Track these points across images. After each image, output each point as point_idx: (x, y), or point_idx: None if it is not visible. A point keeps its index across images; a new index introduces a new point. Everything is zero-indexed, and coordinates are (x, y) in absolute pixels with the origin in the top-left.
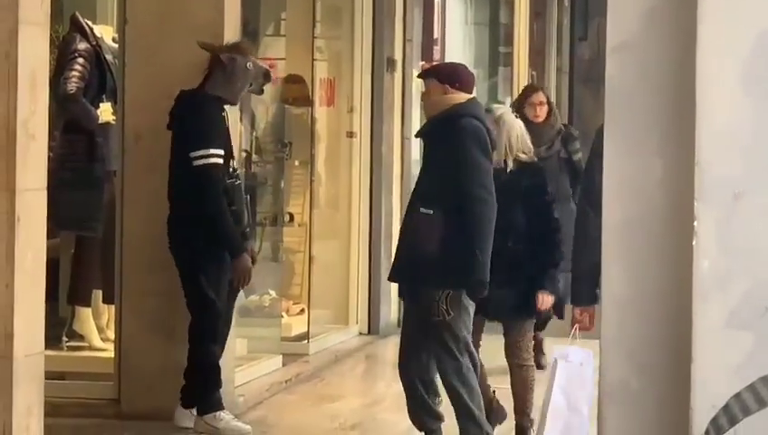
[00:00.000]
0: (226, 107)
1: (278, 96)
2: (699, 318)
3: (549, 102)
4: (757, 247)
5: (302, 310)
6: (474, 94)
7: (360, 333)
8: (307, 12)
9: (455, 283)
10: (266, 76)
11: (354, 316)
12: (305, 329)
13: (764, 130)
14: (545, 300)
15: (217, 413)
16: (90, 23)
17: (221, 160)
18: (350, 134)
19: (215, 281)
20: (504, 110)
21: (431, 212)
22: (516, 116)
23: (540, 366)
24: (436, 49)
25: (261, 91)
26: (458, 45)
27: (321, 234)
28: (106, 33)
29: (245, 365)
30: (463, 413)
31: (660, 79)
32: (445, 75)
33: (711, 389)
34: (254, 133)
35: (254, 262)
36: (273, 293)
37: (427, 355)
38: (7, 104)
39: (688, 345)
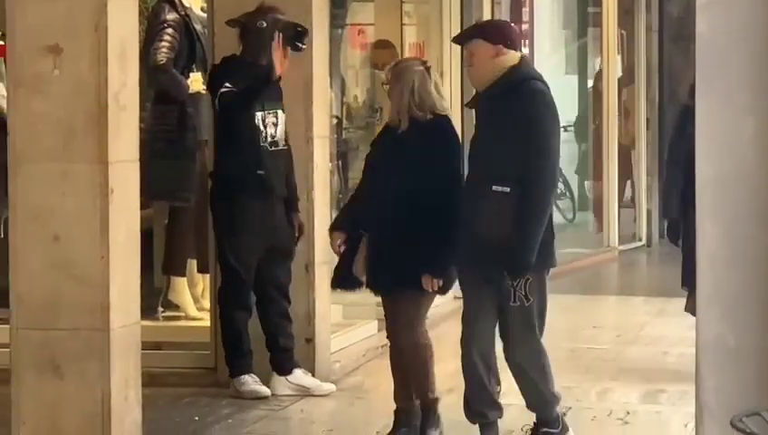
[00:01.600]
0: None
1: (368, 62)
2: None
3: None
4: None
5: None
6: (523, 53)
7: (455, 297)
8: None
9: (535, 266)
10: (294, 29)
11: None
12: None
13: None
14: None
15: (241, 377)
16: None
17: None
18: (469, 106)
19: (237, 249)
20: None
21: (508, 190)
22: None
23: None
24: (525, 11)
25: (296, 47)
26: (546, 6)
27: None
28: (195, 2)
29: (341, 332)
30: (535, 398)
31: (751, 35)
32: (494, 34)
33: None
34: (345, 99)
35: (300, 232)
36: None
37: (491, 340)
38: (98, 76)
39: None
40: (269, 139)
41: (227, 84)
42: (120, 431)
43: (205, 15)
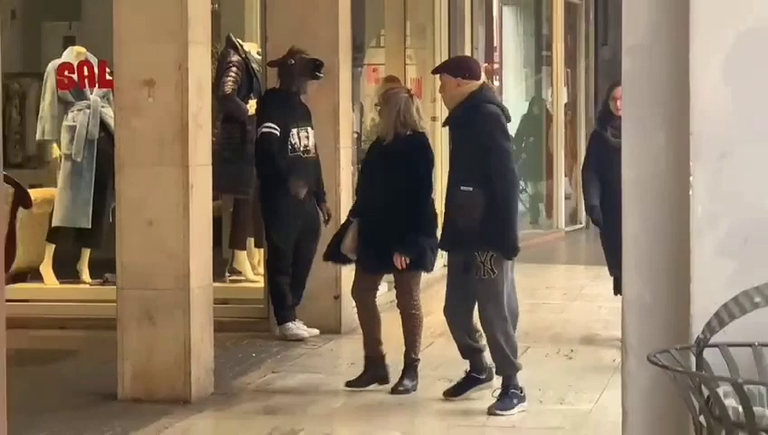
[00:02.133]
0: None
1: (389, 93)
2: (695, 249)
3: None
4: (738, 194)
5: None
6: (483, 80)
7: (444, 266)
8: (400, 29)
9: (495, 247)
10: (313, 65)
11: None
12: None
13: (739, 108)
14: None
15: (286, 324)
16: (240, 41)
17: (275, 131)
18: (433, 118)
19: (280, 231)
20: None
21: (471, 189)
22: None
23: None
24: (496, 54)
25: (315, 77)
26: (512, 50)
27: None
28: (252, 48)
29: None
30: (499, 355)
31: (663, 72)
32: (454, 69)
33: (705, 301)
34: (362, 119)
35: (328, 217)
36: None
37: (467, 307)
38: (181, 102)
39: (688, 269)
40: (302, 148)
41: (268, 124)
42: (197, 365)
43: (259, 57)
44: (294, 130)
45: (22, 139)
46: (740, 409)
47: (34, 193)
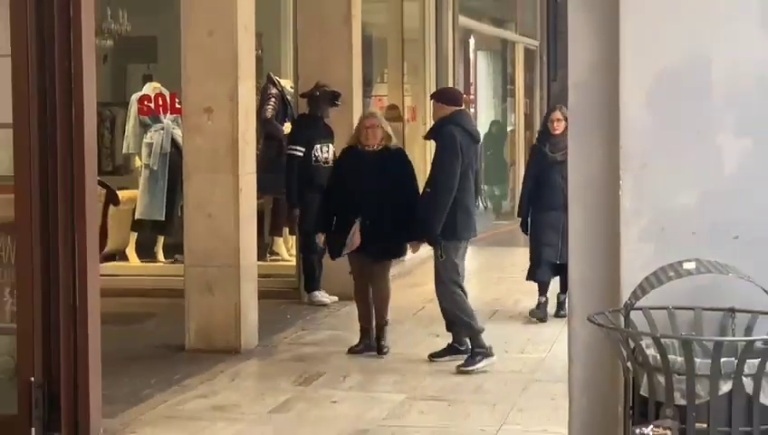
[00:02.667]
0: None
1: (384, 116)
2: (624, 236)
3: (566, 118)
4: (655, 194)
5: None
6: (462, 106)
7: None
8: (399, 68)
9: (449, 237)
10: (332, 95)
11: None
12: None
13: (656, 130)
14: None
15: (314, 292)
16: (277, 77)
17: (299, 153)
18: (424, 138)
19: (308, 220)
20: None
21: (429, 191)
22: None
23: None
24: (472, 88)
25: (334, 105)
26: (484, 85)
27: None
28: (287, 83)
29: None
30: (453, 321)
31: (599, 102)
32: (438, 96)
33: (631, 275)
34: None
35: None
36: None
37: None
38: (232, 125)
39: (618, 251)
40: (323, 160)
41: (292, 146)
42: (245, 324)
43: (292, 90)
44: (318, 146)
45: (112, 153)
46: (658, 356)
47: (122, 194)
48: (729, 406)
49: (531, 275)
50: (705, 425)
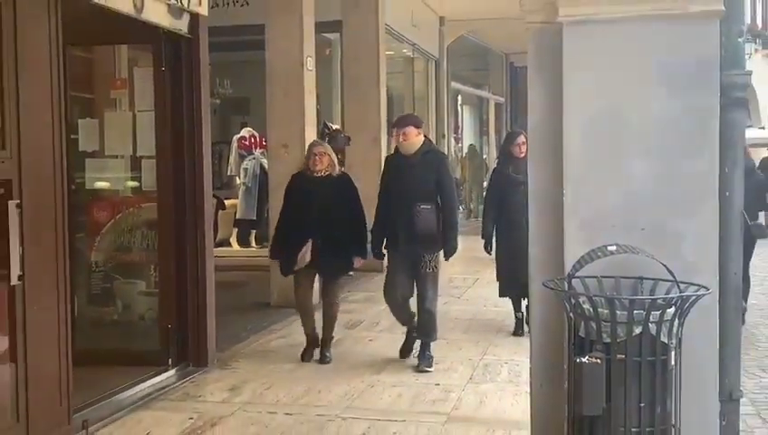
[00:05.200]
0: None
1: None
2: (567, 227)
3: (527, 142)
4: (588, 197)
5: None
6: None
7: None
8: (411, 109)
9: (437, 248)
10: (346, 139)
11: None
12: None
13: (589, 153)
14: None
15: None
16: (330, 123)
17: None
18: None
19: None
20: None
21: (429, 207)
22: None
23: None
24: (459, 130)
25: (346, 144)
26: (467, 127)
27: None
28: (335, 126)
29: None
30: (430, 326)
31: (550, 136)
32: (418, 123)
33: (572, 254)
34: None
35: None
36: None
37: (405, 292)
38: (301, 155)
39: (563, 238)
40: None
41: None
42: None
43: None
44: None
45: (220, 175)
46: (591, 309)
47: (227, 202)
48: (640, 343)
49: (502, 292)
50: (623, 356)
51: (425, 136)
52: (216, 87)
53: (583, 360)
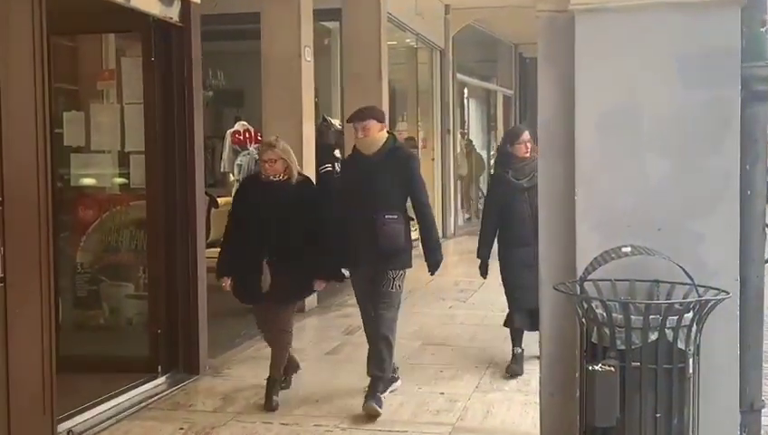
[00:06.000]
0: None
1: (404, 144)
2: (579, 229)
3: (533, 140)
4: (600, 199)
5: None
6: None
7: (442, 237)
8: (414, 111)
9: (403, 266)
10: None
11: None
12: None
13: (601, 154)
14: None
15: None
16: (329, 118)
17: (330, 168)
18: (433, 159)
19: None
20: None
21: (395, 217)
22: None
23: None
24: (466, 124)
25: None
26: (474, 123)
27: None
28: (336, 122)
29: None
30: (383, 355)
31: (560, 134)
32: (380, 116)
33: (584, 257)
34: None
35: None
36: None
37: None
38: (298, 150)
39: (575, 240)
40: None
41: (325, 165)
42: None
43: (340, 127)
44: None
45: (212, 171)
46: (604, 314)
47: (220, 200)
48: (656, 350)
49: (508, 322)
50: (638, 364)
51: (389, 132)
52: (209, 78)
53: (596, 368)
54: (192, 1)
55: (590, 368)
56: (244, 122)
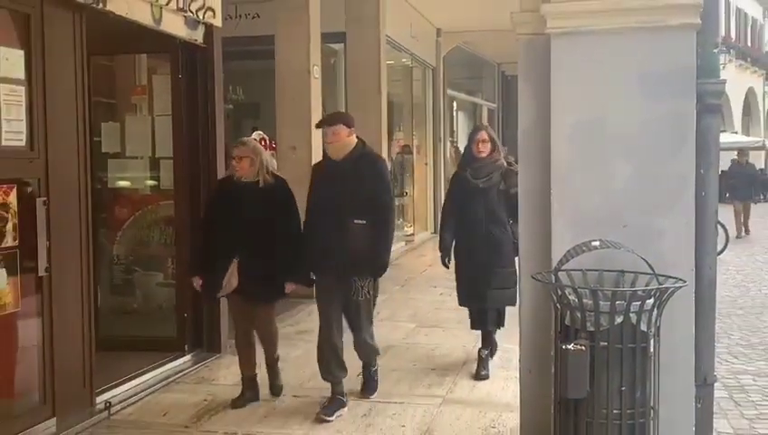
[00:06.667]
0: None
1: (401, 151)
2: (554, 225)
3: (492, 140)
4: (573, 199)
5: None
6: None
7: (433, 233)
8: (409, 122)
9: (375, 273)
10: None
11: (431, 226)
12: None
13: (573, 157)
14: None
15: None
16: None
17: None
18: (426, 164)
19: None
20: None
21: (364, 222)
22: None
23: None
24: (455, 133)
25: None
26: (463, 131)
27: (418, 199)
28: None
29: None
30: (371, 357)
31: (538, 141)
32: (350, 121)
33: (559, 250)
34: (392, 167)
35: None
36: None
37: (341, 324)
38: (308, 156)
39: (550, 235)
40: None
41: None
42: None
43: None
44: None
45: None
46: (576, 300)
47: None
48: (621, 331)
49: (461, 302)
50: (606, 343)
51: (358, 138)
52: (229, 93)
53: (569, 347)
54: (214, 25)
55: (564, 347)
56: (260, 132)
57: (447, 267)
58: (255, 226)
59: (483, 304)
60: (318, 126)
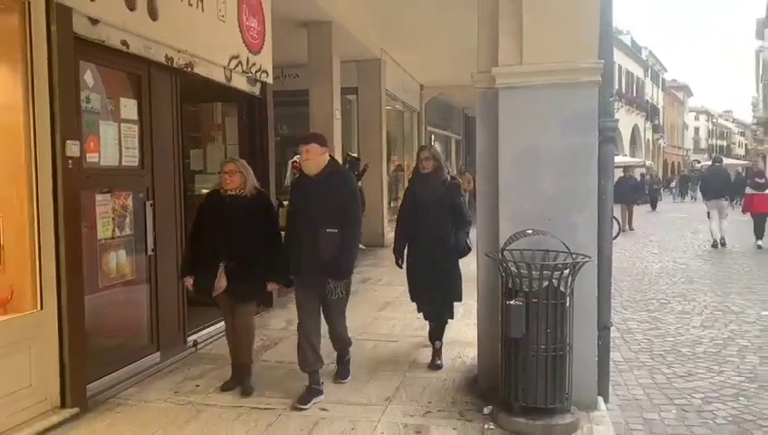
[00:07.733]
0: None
1: (395, 169)
2: (501, 220)
3: (435, 159)
4: (514, 203)
5: None
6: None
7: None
8: (401, 148)
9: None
10: (363, 165)
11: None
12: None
13: (514, 176)
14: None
15: None
16: (351, 153)
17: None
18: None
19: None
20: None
21: (335, 230)
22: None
23: None
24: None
25: (364, 169)
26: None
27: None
28: (355, 155)
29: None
30: (345, 347)
31: (489, 161)
32: (322, 141)
33: (504, 235)
34: (389, 180)
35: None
36: None
37: (318, 321)
38: None
39: (498, 226)
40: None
41: None
42: None
43: (356, 156)
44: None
45: (280, 184)
46: (515, 270)
47: (285, 202)
48: (547, 291)
49: (413, 298)
50: (536, 300)
51: (330, 156)
52: (278, 129)
53: (511, 302)
54: (267, 82)
55: (507, 302)
56: (299, 156)
57: (401, 267)
58: (240, 232)
59: (431, 301)
60: (296, 144)
